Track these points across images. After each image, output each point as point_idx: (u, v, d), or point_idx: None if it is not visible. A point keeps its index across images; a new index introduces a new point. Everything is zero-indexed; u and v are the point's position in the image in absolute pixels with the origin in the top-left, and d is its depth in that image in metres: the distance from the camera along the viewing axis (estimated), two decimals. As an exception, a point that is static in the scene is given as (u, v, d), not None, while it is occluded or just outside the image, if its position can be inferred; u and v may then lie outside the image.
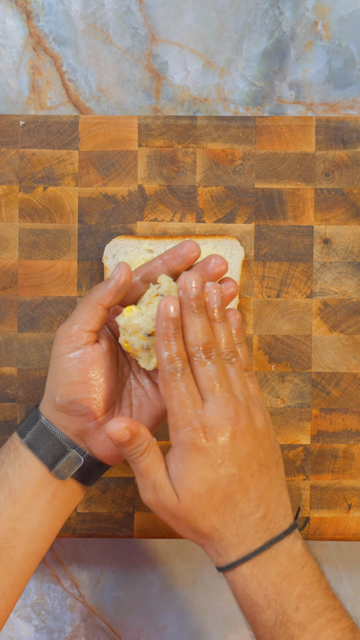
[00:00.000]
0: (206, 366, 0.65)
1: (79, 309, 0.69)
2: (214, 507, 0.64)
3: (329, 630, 0.63)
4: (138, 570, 0.90)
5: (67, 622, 0.91)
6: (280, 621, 0.64)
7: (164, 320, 0.64)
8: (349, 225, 0.84)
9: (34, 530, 0.69)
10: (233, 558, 0.65)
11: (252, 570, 0.64)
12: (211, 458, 0.64)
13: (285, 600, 0.64)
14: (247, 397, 0.67)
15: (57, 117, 0.84)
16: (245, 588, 0.65)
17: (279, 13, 0.87)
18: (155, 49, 0.87)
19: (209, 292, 0.66)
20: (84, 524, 0.84)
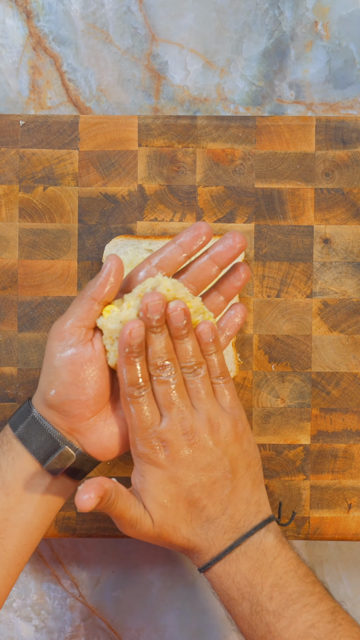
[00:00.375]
0: (163, 384, 0.68)
1: (73, 304, 0.70)
2: (180, 517, 0.67)
3: (305, 615, 0.65)
4: (138, 570, 0.90)
5: (67, 622, 0.91)
6: (255, 611, 0.66)
7: (126, 346, 0.67)
8: (349, 225, 0.84)
9: (27, 522, 0.70)
10: (207, 560, 0.68)
11: (224, 567, 0.67)
12: (168, 471, 0.67)
13: (258, 592, 0.66)
14: (209, 408, 0.69)
15: (57, 117, 0.84)
16: (220, 585, 0.68)
17: (279, 13, 0.87)
18: (155, 48, 0.87)
19: (171, 313, 0.68)
20: (84, 524, 0.84)
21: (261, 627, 0.66)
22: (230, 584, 0.67)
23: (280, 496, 0.84)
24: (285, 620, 0.65)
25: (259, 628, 0.66)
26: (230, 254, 0.70)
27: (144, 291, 0.69)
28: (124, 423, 0.71)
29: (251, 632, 0.66)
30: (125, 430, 0.70)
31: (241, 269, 0.72)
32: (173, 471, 0.67)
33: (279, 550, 0.68)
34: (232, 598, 0.67)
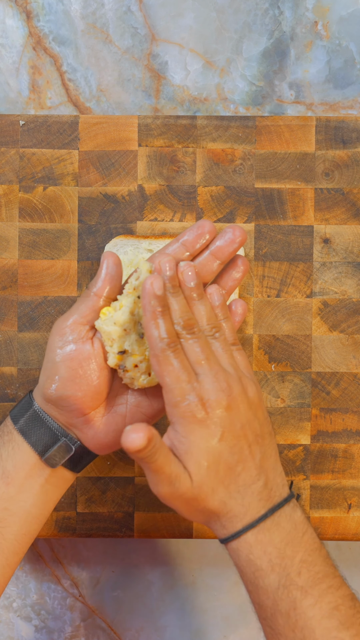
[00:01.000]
0: (190, 342, 0.67)
1: (78, 302, 0.70)
2: (219, 479, 0.65)
3: (330, 596, 0.64)
4: (138, 570, 0.90)
5: (67, 622, 0.91)
6: (284, 585, 0.65)
7: (151, 298, 0.66)
8: (349, 225, 0.84)
9: (27, 512, 0.70)
10: (239, 527, 0.66)
11: (257, 536, 0.65)
12: (211, 430, 0.65)
13: (289, 565, 0.65)
14: (236, 369, 0.68)
15: (57, 116, 0.84)
16: (249, 554, 0.66)
17: (279, 13, 0.87)
18: (155, 48, 0.87)
19: (183, 271, 0.68)
20: (84, 523, 0.84)
21: (287, 602, 0.64)
22: (261, 553, 0.65)
23: (280, 496, 0.84)
24: (312, 598, 0.64)
25: (284, 603, 0.64)
26: (230, 248, 0.70)
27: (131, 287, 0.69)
28: (121, 420, 0.71)
29: (273, 606, 0.65)
30: (122, 427, 0.70)
31: (239, 261, 0.72)
32: (214, 429, 0.65)
33: (306, 526, 0.67)
34: (260, 569, 0.65)
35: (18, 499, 0.70)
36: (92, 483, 0.84)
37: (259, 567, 0.65)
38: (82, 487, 0.84)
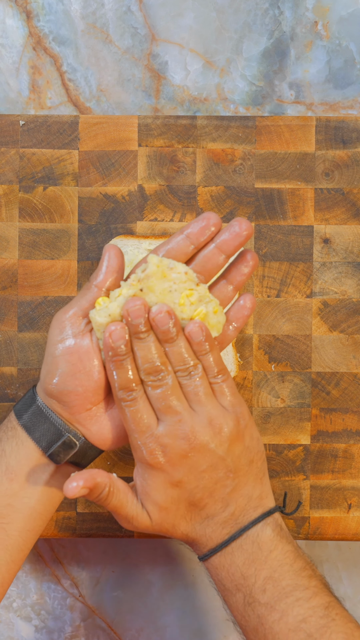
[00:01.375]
0: (156, 389, 0.66)
1: (79, 295, 0.69)
2: (181, 516, 0.68)
3: (297, 609, 0.65)
4: (138, 570, 0.90)
5: (67, 622, 0.91)
6: (248, 602, 0.67)
7: (109, 349, 0.66)
8: (349, 225, 0.84)
9: (31, 508, 0.70)
10: (204, 551, 0.69)
11: (220, 560, 0.68)
12: (170, 475, 0.67)
13: (251, 584, 0.67)
14: (209, 410, 0.67)
15: (57, 117, 0.84)
16: (216, 575, 0.69)
17: (279, 13, 0.87)
18: (155, 48, 0.87)
19: (156, 316, 0.66)
20: (84, 523, 0.84)
21: (253, 618, 0.66)
22: (225, 575, 0.68)
23: (280, 496, 0.84)
24: (277, 613, 0.65)
25: (252, 619, 0.66)
26: (236, 242, 0.68)
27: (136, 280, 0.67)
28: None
29: (244, 622, 0.67)
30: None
31: (248, 256, 0.69)
32: (174, 475, 0.67)
33: (275, 543, 0.68)
34: (226, 589, 0.68)
35: (22, 495, 0.69)
36: (92, 483, 0.84)
37: (226, 587, 0.68)
38: (82, 487, 0.84)
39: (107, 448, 0.71)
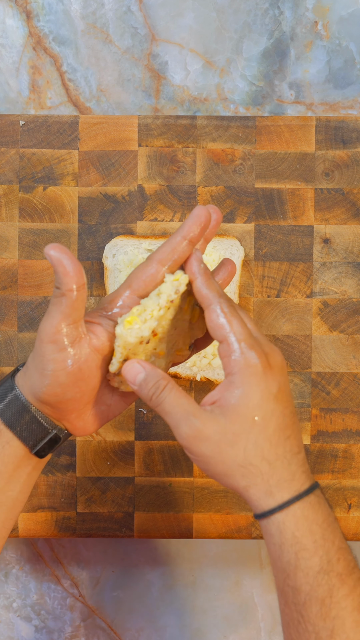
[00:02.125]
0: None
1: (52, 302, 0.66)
2: (267, 437, 0.63)
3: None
4: (138, 570, 0.90)
5: (67, 622, 0.91)
6: (325, 570, 0.62)
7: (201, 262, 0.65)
8: (349, 225, 0.84)
9: (14, 499, 0.70)
10: (286, 496, 0.62)
11: (304, 512, 0.62)
12: (270, 386, 0.63)
13: (330, 549, 0.63)
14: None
15: (57, 117, 0.84)
16: (296, 531, 0.62)
17: (279, 13, 0.87)
18: (155, 48, 0.87)
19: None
20: (84, 524, 0.84)
21: (325, 588, 0.62)
22: (307, 531, 0.62)
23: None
24: (347, 587, 0.62)
25: (322, 589, 0.62)
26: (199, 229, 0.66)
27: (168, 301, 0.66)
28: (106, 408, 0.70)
29: (310, 592, 0.62)
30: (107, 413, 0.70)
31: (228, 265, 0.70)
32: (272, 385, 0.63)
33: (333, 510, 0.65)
34: (305, 548, 0.62)
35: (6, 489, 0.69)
36: (92, 483, 0.84)
37: (304, 546, 0.62)
38: (82, 487, 0.84)
39: (84, 435, 0.71)
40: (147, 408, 0.84)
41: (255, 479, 0.63)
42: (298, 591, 0.62)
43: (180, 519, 0.84)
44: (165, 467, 0.84)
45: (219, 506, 0.84)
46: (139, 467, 0.84)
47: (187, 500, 0.84)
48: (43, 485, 0.84)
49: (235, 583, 0.90)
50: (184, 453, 0.84)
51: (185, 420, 0.62)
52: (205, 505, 0.84)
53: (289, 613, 0.62)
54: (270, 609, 0.90)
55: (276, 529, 0.63)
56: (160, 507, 0.84)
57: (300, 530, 0.62)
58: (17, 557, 0.90)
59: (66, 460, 0.84)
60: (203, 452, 0.62)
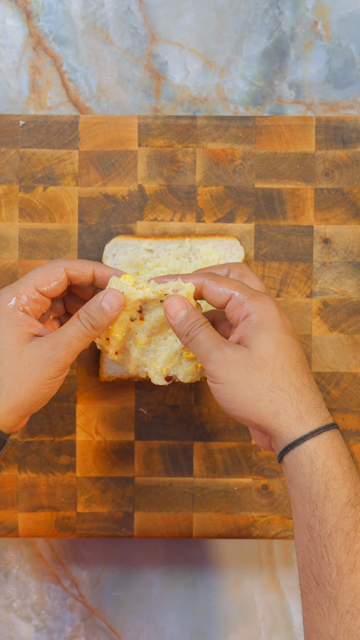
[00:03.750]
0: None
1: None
2: (292, 364, 0.65)
3: None
4: (138, 570, 0.90)
5: (67, 622, 0.91)
6: (352, 502, 0.63)
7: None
8: (349, 225, 0.84)
9: None
10: (317, 424, 0.64)
11: (333, 442, 0.64)
12: (285, 322, 0.67)
13: (358, 482, 0.63)
14: None
15: (57, 116, 0.84)
16: (326, 460, 0.63)
17: (278, 13, 0.87)
18: (155, 48, 0.87)
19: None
20: (84, 523, 0.84)
21: (351, 520, 0.62)
22: (336, 461, 0.63)
23: (281, 496, 0.84)
24: None
25: (348, 521, 0.62)
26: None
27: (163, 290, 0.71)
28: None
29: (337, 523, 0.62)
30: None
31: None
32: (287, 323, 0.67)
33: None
34: (335, 478, 0.63)
35: None
36: (92, 483, 0.84)
37: (334, 475, 0.63)
38: (82, 487, 0.84)
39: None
40: (147, 408, 0.84)
41: (285, 403, 0.64)
42: (325, 522, 0.62)
43: (180, 519, 0.84)
44: (165, 467, 0.84)
45: (219, 506, 0.84)
46: (139, 467, 0.84)
47: (187, 500, 0.84)
48: (43, 485, 0.84)
49: (235, 583, 0.90)
50: (184, 453, 0.84)
51: (217, 347, 0.66)
52: (205, 505, 0.84)
53: (313, 548, 0.63)
54: (270, 609, 0.90)
55: (307, 458, 0.63)
56: (160, 507, 0.84)
57: (331, 460, 0.63)
58: (17, 557, 0.90)
59: (66, 460, 0.84)
60: (232, 375, 0.65)
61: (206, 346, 0.66)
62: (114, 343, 0.73)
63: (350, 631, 0.60)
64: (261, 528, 0.84)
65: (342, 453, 0.64)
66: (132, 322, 0.72)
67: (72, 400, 0.84)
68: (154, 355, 0.74)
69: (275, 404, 0.65)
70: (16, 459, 0.84)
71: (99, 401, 0.84)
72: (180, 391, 0.84)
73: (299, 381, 0.65)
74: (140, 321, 0.72)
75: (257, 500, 0.84)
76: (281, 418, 0.64)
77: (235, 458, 0.84)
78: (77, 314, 0.69)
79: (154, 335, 0.73)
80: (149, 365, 0.74)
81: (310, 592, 0.63)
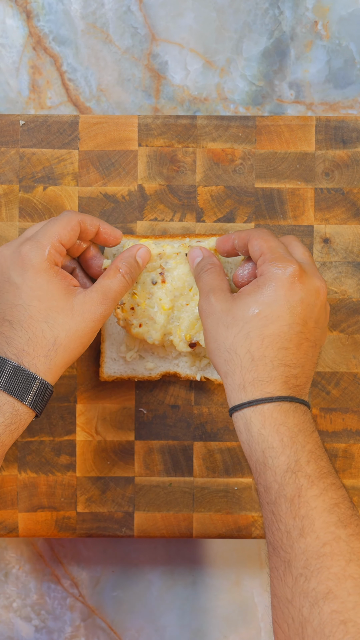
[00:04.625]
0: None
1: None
2: (261, 334, 0.67)
3: (332, 493, 0.64)
4: (138, 570, 0.90)
5: (67, 622, 0.91)
6: (292, 470, 0.64)
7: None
8: (349, 225, 0.84)
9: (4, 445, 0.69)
10: (257, 395, 0.66)
11: (273, 413, 0.66)
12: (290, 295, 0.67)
13: (299, 450, 0.65)
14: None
15: (57, 116, 0.84)
16: (262, 429, 0.65)
17: (279, 13, 0.87)
18: (155, 48, 0.87)
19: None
20: (84, 523, 0.84)
21: (293, 487, 0.64)
22: (273, 431, 0.65)
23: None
24: (317, 489, 0.64)
25: (290, 488, 0.64)
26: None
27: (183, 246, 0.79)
28: None
29: (279, 490, 0.64)
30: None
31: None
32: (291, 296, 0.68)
33: (315, 427, 0.67)
34: (271, 447, 0.65)
35: None
36: (92, 483, 0.84)
37: (270, 444, 0.65)
38: (82, 487, 0.84)
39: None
40: (147, 408, 0.84)
41: (234, 368, 0.67)
42: (268, 489, 0.65)
43: (180, 519, 0.84)
44: (165, 467, 0.84)
45: (219, 506, 0.84)
46: (139, 466, 0.84)
47: (187, 500, 0.84)
48: (43, 485, 0.84)
49: (235, 583, 0.90)
50: (184, 453, 0.84)
51: (206, 295, 0.71)
52: (205, 505, 0.84)
53: (265, 514, 0.65)
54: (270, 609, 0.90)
55: (243, 425, 0.66)
56: (160, 507, 0.84)
57: (267, 429, 0.65)
58: (17, 557, 0.90)
59: (66, 460, 0.84)
60: (206, 325, 0.69)
61: (201, 291, 0.72)
62: (139, 312, 0.78)
63: (305, 593, 0.61)
64: (261, 528, 0.84)
65: (283, 423, 0.65)
66: (155, 286, 0.78)
67: (72, 400, 0.84)
68: (178, 323, 0.78)
69: (227, 366, 0.67)
70: (16, 458, 0.84)
71: (99, 401, 0.84)
72: (180, 391, 0.84)
73: (259, 353, 0.66)
74: (162, 284, 0.78)
75: (257, 500, 0.84)
76: (228, 380, 0.67)
77: (235, 458, 0.84)
78: (116, 267, 0.73)
79: (177, 299, 0.78)
80: (174, 333, 0.78)
81: (270, 557, 0.64)
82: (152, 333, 0.79)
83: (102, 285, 0.71)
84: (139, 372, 0.82)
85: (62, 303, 0.69)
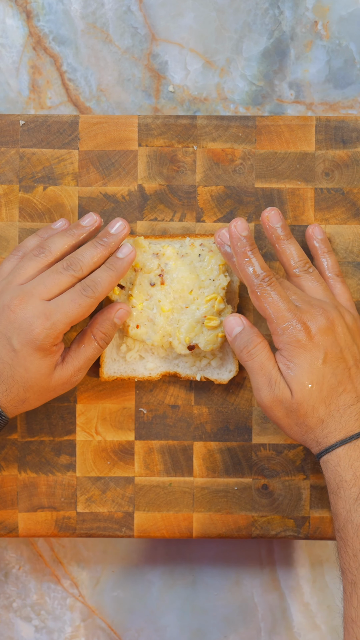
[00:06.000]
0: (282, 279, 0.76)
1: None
2: (321, 399, 0.72)
3: None
4: (138, 570, 0.90)
5: (67, 622, 0.91)
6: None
7: (237, 240, 0.74)
8: (349, 225, 0.84)
9: None
10: (332, 442, 0.72)
11: (347, 451, 0.72)
12: (314, 353, 0.73)
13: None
14: (331, 299, 0.77)
15: (57, 116, 0.84)
16: (337, 466, 0.72)
17: (278, 13, 0.87)
18: (155, 48, 0.87)
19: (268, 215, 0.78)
20: (84, 523, 0.84)
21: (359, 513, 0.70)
22: (347, 466, 0.71)
23: (281, 495, 0.84)
24: None
25: (357, 514, 0.70)
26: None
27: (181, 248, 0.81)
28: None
29: (347, 516, 0.71)
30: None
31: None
32: (317, 353, 0.72)
33: None
34: (344, 480, 0.71)
35: None
36: (92, 483, 0.84)
37: (343, 478, 0.71)
38: (82, 487, 0.84)
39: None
40: (147, 408, 0.84)
41: (310, 433, 0.74)
42: (338, 517, 0.72)
43: (180, 519, 0.84)
44: (165, 467, 0.84)
45: (219, 506, 0.84)
46: (139, 466, 0.84)
47: (187, 500, 0.84)
48: (43, 485, 0.84)
49: (235, 583, 0.90)
50: (184, 453, 0.84)
51: (267, 385, 0.73)
52: (205, 505, 0.84)
53: (338, 541, 0.72)
54: (270, 608, 0.90)
55: (324, 467, 0.73)
56: (160, 507, 0.84)
57: (341, 466, 0.72)
58: (17, 557, 0.90)
59: (66, 460, 0.84)
60: (276, 414, 0.74)
61: (258, 380, 0.74)
62: (136, 313, 0.79)
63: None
64: (261, 528, 0.84)
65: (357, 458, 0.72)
66: (153, 287, 0.78)
67: (72, 400, 0.84)
68: (177, 325, 0.79)
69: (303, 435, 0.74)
70: (16, 458, 0.84)
71: (99, 401, 0.84)
72: (180, 391, 0.84)
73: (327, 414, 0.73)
74: (162, 285, 0.79)
75: (257, 500, 0.84)
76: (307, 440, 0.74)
77: (235, 458, 0.84)
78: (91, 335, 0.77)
79: (176, 302, 0.79)
80: (173, 335, 0.79)
81: (341, 581, 0.71)
82: (151, 335, 0.79)
83: (76, 357, 0.76)
84: (139, 372, 0.82)
85: (43, 378, 0.74)
